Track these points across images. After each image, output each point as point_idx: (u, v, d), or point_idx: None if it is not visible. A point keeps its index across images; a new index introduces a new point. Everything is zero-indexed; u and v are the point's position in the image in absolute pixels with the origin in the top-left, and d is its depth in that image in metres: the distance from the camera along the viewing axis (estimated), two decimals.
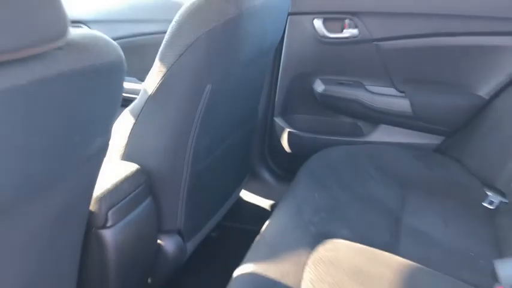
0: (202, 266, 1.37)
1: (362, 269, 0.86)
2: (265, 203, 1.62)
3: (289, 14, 1.41)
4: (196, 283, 1.33)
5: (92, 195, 0.75)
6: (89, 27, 1.64)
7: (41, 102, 0.49)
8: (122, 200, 0.90)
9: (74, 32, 0.54)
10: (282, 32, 1.34)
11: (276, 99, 1.55)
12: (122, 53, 0.62)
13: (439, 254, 0.98)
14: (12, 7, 0.42)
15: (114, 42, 0.62)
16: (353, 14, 1.38)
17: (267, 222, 1.01)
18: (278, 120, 1.57)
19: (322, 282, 0.81)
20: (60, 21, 0.48)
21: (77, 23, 1.64)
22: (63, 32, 0.49)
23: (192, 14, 0.90)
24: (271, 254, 0.88)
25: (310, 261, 0.86)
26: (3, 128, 0.47)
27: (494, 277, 0.92)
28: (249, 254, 0.89)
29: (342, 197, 1.11)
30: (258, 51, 1.10)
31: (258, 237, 0.95)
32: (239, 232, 1.54)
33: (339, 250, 0.90)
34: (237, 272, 0.84)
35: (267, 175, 1.63)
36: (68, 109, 0.55)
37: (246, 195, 1.63)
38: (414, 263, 0.90)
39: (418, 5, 1.33)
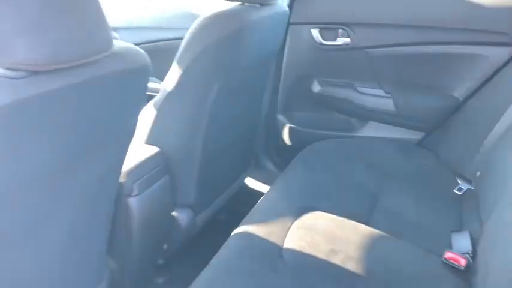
0: (211, 241, 1.58)
1: (335, 233, 1.06)
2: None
3: (290, 24, 1.63)
4: (205, 252, 1.55)
5: (121, 166, 0.97)
6: (118, 33, 1.87)
7: (95, 92, 0.72)
8: (144, 175, 1.13)
9: (116, 44, 0.77)
10: (281, 41, 1.55)
11: (279, 99, 1.76)
12: (148, 59, 0.84)
13: (405, 228, 1.17)
14: (83, 30, 0.64)
15: (143, 51, 0.84)
16: (345, 24, 1.59)
17: (262, 197, 1.23)
18: (280, 117, 1.79)
19: (301, 241, 1.02)
20: (108, 38, 0.71)
21: None
22: (110, 45, 0.72)
23: (204, 26, 1.13)
24: (263, 219, 1.09)
25: (293, 226, 1.07)
26: (77, 109, 0.69)
27: (449, 246, 1.11)
28: (245, 219, 1.10)
29: (327, 180, 1.32)
30: (257, 58, 1.32)
31: (253, 209, 1.17)
32: (245, 215, 1.75)
33: (318, 219, 1.11)
34: (234, 232, 1.06)
35: (270, 165, 1.84)
36: (111, 97, 0.77)
37: (251, 182, 1.84)
38: (380, 232, 1.10)
39: (402, 18, 1.53)
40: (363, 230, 1.10)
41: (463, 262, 1.03)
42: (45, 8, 0.58)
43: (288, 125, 1.77)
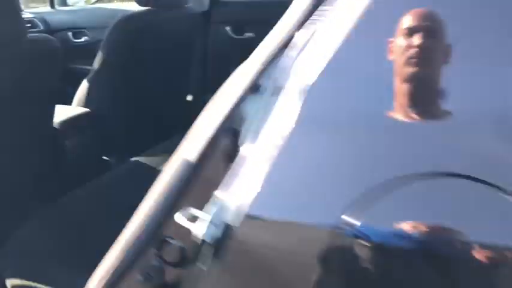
0: None
1: None
2: None
3: (211, 22, 2.14)
4: None
5: (52, 114, 1.48)
6: (88, 31, 2.44)
7: (16, 65, 1.24)
8: (75, 126, 1.66)
9: (31, 34, 1.29)
10: (197, 36, 2.06)
11: (207, 80, 2.27)
12: (57, 44, 1.36)
13: None
14: (2, 25, 1.17)
15: (54, 38, 1.36)
16: (248, 23, 2.09)
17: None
18: (209, 96, 2.28)
19: None
20: (22, 30, 1.23)
21: (81, 29, 2.44)
22: (24, 34, 1.24)
23: (115, 27, 1.66)
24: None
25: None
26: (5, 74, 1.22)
27: None
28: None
29: None
30: (166, 49, 1.82)
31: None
32: None
33: None
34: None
35: None
36: (29, 69, 1.30)
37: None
38: None
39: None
40: None
41: None
42: None
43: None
